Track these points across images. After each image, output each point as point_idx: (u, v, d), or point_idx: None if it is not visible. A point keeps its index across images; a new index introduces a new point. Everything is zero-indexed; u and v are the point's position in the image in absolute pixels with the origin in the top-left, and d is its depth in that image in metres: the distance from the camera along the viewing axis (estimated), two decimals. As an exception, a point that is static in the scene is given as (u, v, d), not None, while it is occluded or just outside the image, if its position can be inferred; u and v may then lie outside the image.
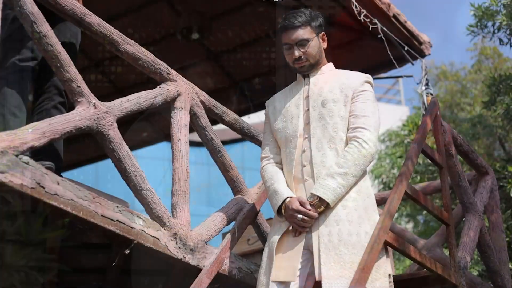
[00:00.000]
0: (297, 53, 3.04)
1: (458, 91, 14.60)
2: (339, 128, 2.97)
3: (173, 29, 6.32)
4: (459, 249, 3.90)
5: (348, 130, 2.98)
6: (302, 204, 2.87)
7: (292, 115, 3.08)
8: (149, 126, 7.45)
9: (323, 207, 2.87)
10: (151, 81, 6.79)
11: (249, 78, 6.77)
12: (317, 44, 3.08)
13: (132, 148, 7.98)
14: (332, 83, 3.07)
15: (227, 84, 6.85)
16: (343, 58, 6.28)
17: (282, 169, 3.10)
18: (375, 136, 2.97)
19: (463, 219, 4.62)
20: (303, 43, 3.04)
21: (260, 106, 6.89)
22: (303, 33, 3.04)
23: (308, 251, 2.89)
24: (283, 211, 2.95)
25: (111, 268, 3.31)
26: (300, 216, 2.86)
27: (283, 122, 3.11)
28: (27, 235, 3.00)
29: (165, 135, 7.70)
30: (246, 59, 6.58)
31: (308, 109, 3.05)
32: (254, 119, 6.67)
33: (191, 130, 5.32)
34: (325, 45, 3.15)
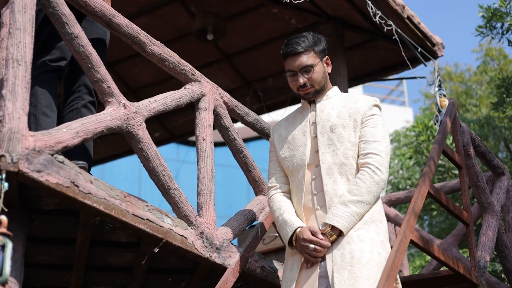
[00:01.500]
0: (301, 79, 2.94)
1: (463, 92, 14.65)
2: (350, 154, 2.87)
3: (187, 30, 6.36)
4: (478, 249, 3.94)
5: (358, 156, 2.88)
6: (313, 234, 2.78)
7: (299, 143, 2.98)
8: (160, 127, 7.49)
9: (335, 235, 2.77)
10: (163, 82, 6.87)
11: (262, 78, 6.81)
12: (321, 69, 2.98)
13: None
14: (340, 108, 2.97)
15: (240, 84, 6.89)
16: (356, 59, 6.34)
17: (290, 198, 3.01)
18: (387, 162, 2.87)
19: (479, 219, 4.67)
20: (307, 69, 2.94)
21: (273, 107, 6.95)
22: (306, 59, 2.94)
23: (325, 279, 2.78)
24: (294, 242, 2.86)
25: (137, 266, 3.34)
26: (312, 246, 2.76)
27: (290, 150, 3.01)
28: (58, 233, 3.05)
29: (175, 136, 7.74)
30: (259, 59, 6.61)
31: (316, 136, 2.95)
32: (266, 119, 6.69)
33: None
34: (329, 69, 3.05)
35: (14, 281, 2.58)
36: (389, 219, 5.42)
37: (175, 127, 7.48)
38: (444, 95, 5.79)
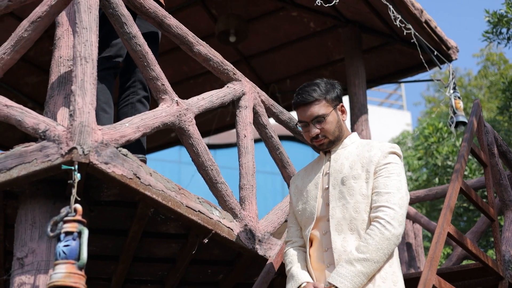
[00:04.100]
0: (313, 131, 2.76)
1: (463, 96, 14.85)
2: (361, 208, 2.65)
3: (208, 32, 6.49)
4: (502, 244, 4.09)
5: (371, 209, 2.65)
6: None
7: (311, 196, 2.80)
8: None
9: None
10: (181, 83, 6.98)
11: (279, 80, 6.95)
12: (335, 118, 2.78)
13: (152, 150, 8.01)
14: (354, 157, 2.76)
15: (257, 86, 7.01)
16: (372, 61, 6.49)
17: (306, 251, 2.82)
18: (401, 215, 2.60)
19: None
20: (319, 119, 2.75)
21: (290, 108, 7.08)
22: (318, 108, 2.75)
23: None
24: None
25: (181, 258, 3.47)
26: None
27: (303, 203, 2.83)
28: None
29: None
30: (277, 61, 6.75)
31: (328, 187, 2.76)
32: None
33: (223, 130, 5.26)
34: (344, 116, 2.84)
35: (78, 268, 2.71)
36: (408, 216, 5.58)
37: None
38: (459, 97, 5.95)
